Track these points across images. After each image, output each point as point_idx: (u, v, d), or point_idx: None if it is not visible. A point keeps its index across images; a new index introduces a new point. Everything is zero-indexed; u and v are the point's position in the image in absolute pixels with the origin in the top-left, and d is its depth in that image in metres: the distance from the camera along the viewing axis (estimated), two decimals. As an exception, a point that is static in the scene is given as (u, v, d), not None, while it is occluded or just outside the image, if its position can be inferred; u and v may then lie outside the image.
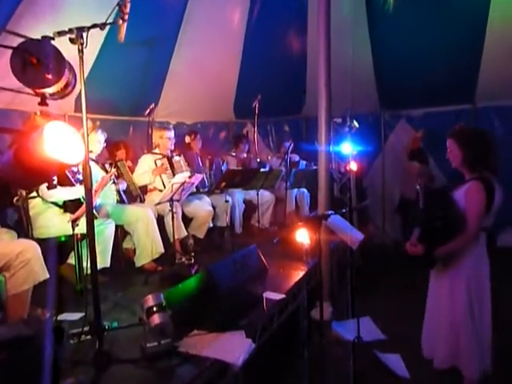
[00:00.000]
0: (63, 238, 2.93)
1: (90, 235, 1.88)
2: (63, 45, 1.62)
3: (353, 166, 4.69)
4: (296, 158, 5.59)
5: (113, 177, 3.35)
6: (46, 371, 1.36)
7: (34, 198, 2.81)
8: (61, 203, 2.87)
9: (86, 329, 2.10)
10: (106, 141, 3.67)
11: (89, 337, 2.09)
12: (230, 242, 4.20)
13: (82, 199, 2.77)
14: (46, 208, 2.88)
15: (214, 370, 1.96)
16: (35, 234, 2.87)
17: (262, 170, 4.60)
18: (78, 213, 2.44)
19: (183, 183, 3.45)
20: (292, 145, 5.16)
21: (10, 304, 2.05)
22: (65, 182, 2.77)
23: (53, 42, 1.49)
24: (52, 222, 2.87)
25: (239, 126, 6.66)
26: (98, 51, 4.39)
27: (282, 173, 4.80)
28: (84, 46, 1.71)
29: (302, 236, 3.49)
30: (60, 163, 1.17)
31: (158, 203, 3.52)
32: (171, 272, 3.37)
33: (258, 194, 4.66)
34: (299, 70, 5.72)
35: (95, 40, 4.36)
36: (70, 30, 1.63)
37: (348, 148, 4.55)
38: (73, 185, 2.20)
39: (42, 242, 2.86)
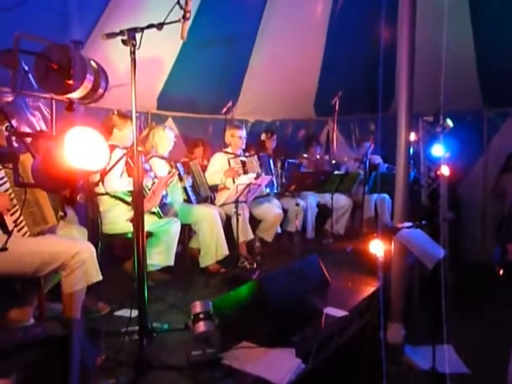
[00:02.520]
0: (130, 235, 3.07)
1: (137, 235, 1.92)
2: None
3: (445, 171, 4.25)
4: (377, 159, 5.25)
5: (176, 177, 3.43)
6: (75, 372, 1.38)
7: (102, 194, 3.00)
8: (128, 199, 3.01)
9: (135, 328, 2.15)
10: (176, 137, 3.78)
11: (137, 337, 2.14)
12: (300, 248, 4.11)
13: (145, 192, 2.88)
14: (114, 205, 3.04)
15: (255, 388, 1.88)
16: (104, 230, 3.05)
17: (336, 172, 4.42)
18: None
19: (249, 185, 3.42)
20: (372, 145, 4.86)
21: (66, 301, 2.19)
22: (131, 173, 2.97)
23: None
24: (119, 219, 3.02)
25: (319, 124, 6.50)
26: (178, 50, 4.58)
27: (360, 176, 4.53)
28: (136, 47, 1.74)
29: (376, 247, 3.25)
30: (83, 171, 1.19)
31: (223, 204, 3.54)
32: (233, 275, 3.39)
33: (332, 198, 4.49)
34: (388, 63, 5.34)
35: (175, 40, 4.56)
36: (121, 32, 1.66)
37: (440, 150, 4.13)
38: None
39: (109, 238, 3.11)
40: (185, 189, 3.74)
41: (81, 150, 1.12)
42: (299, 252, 4.07)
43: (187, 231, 3.73)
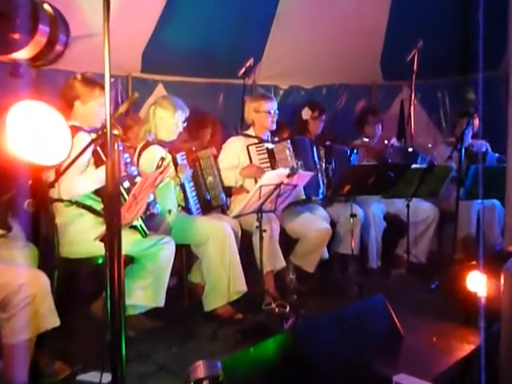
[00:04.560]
0: (100, 261, 3.15)
1: (111, 261, 1.98)
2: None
3: None
4: (483, 145, 5.20)
5: (170, 173, 3.49)
6: None
7: (60, 201, 3.06)
8: (98, 207, 3.09)
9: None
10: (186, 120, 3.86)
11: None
12: (357, 283, 4.10)
13: (123, 196, 2.94)
14: (77, 216, 3.10)
15: None
16: (62, 253, 3.12)
17: (414, 165, 4.37)
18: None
19: (279, 185, 3.44)
20: (476, 122, 4.88)
21: (6, 356, 2.26)
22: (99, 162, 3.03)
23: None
24: (84, 237, 3.06)
25: (389, 92, 6.52)
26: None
27: (453, 171, 4.50)
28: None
29: (477, 283, 3.24)
30: (32, 165, 1.24)
31: (239, 215, 3.58)
32: (254, 323, 3.43)
33: (408, 206, 4.46)
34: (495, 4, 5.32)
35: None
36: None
37: None
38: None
39: (71, 264, 3.19)
40: (183, 190, 3.79)
41: (29, 134, 1.16)
42: (356, 289, 4.07)
43: (185, 256, 3.78)
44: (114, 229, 2.09)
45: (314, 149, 4.47)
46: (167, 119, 3.71)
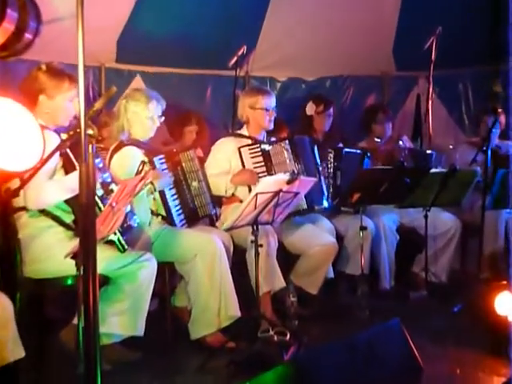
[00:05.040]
0: (70, 281, 3.15)
1: (84, 281, 1.99)
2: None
3: None
4: (511, 146, 5.23)
5: (148, 184, 3.48)
6: None
7: (23, 209, 3.05)
8: (68, 218, 3.10)
9: None
10: (164, 113, 3.86)
11: None
12: (368, 306, 4.13)
13: (97, 206, 2.95)
14: (44, 229, 3.10)
15: None
16: (26, 272, 3.11)
17: (433, 170, 4.41)
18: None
19: (277, 194, 3.46)
20: (502, 118, 4.94)
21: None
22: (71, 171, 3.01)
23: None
24: (52, 253, 3.06)
25: (403, 84, 6.54)
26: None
27: (478, 176, 4.54)
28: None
29: (506, 306, 3.32)
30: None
31: (231, 228, 3.59)
32: (249, 353, 3.42)
33: (426, 217, 4.49)
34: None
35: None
36: None
37: None
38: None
39: (36, 286, 3.19)
40: (162, 198, 3.79)
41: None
42: (367, 314, 4.09)
43: (168, 276, 3.79)
44: (88, 244, 2.10)
45: (315, 149, 4.48)
46: (140, 113, 3.71)
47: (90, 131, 2.25)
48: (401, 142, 5.07)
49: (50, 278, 3.17)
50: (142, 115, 3.71)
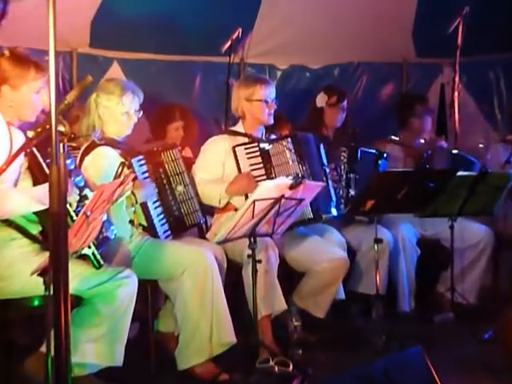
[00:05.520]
0: (37, 302, 3.15)
1: (55, 302, 2.00)
2: None
3: None
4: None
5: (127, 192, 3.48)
6: None
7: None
8: (34, 229, 3.10)
9: None
10: (142, 107, 3.87)
11: None
12: (384, 331, 4.12)
13: (69, 216, 2.96)
14: (7, 241, 3.09)
15: None
16: (-14, 292, 3.13)
17: (460, 173, 4.39)
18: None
19: (278, 200, 3.47)
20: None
21: None
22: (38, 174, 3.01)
23: None
24: (16, 269, 3.06)
25: (426, 72, 6.55)
26: None
27: (512, 181, 4.55)
28: None
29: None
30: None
31: (225, 240, 3.60)
32: (247, 387, 3.45)
33: (451, 228, 4.51)
34: None
35: None
36: None
37: None
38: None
39: (-4, 308, 3.20)
40: (143, 207, 3.79)
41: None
42: (383, 340, 4.06)
43: (151, 296, 3.79)
44: (59, 259, 2.11)
45: (322, 148, 4.50)
46: (113, 107, 3.71)
47: (61, 128, 2.26)
48: (443, 142, 5.09)
49: (13, 298, 3.15)
50: (116, 110, 3.71)
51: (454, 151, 5.19)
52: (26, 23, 3.05)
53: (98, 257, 3.11)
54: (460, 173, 4.40)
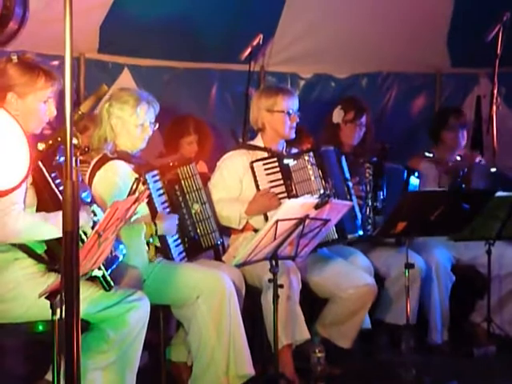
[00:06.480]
0: (42, 328, 3.16)
1: (65, 329, 2.01)
2: None
3: None
4: None
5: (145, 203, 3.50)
6: None
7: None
8: (40, 249, 3.11)
9: None
10: (157, 119, 3.87)
11: None
12: (414, 365, 4.07)
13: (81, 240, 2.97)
14: (10, 261, 3.10)
15: None
16: (-12, 315, 3.15)
17: (499, 193, 4.37)
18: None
19: (303, 221, 3.48)
20: None
21: None
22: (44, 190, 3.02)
23: None
24: (20, 291, 3.08)
25: (461, 83, 6.56)
26: None
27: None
28: None
29: None
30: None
31: (242, 264, 3.60)
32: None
33: (489, 253, 4.49)
34: None
35: None
36: None
37: None
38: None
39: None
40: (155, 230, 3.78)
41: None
42: (413, 374, 4.02)
43: (163, 322, 3.81)
44: (71, 281, 2.13)
45: (343, 160, 4.49)
46: (127, 118, 3.73)
47: (73, 140, 2.28)
48: (481, 159, 5.07)
49: (14, 323, 3.16)
50: (129, 122, 3.74)
51: (493, 169, 5.18)
52: (34, 27, 3.07)
53: (108, 278, 3.09)
54: (499, 193, 4.39)
